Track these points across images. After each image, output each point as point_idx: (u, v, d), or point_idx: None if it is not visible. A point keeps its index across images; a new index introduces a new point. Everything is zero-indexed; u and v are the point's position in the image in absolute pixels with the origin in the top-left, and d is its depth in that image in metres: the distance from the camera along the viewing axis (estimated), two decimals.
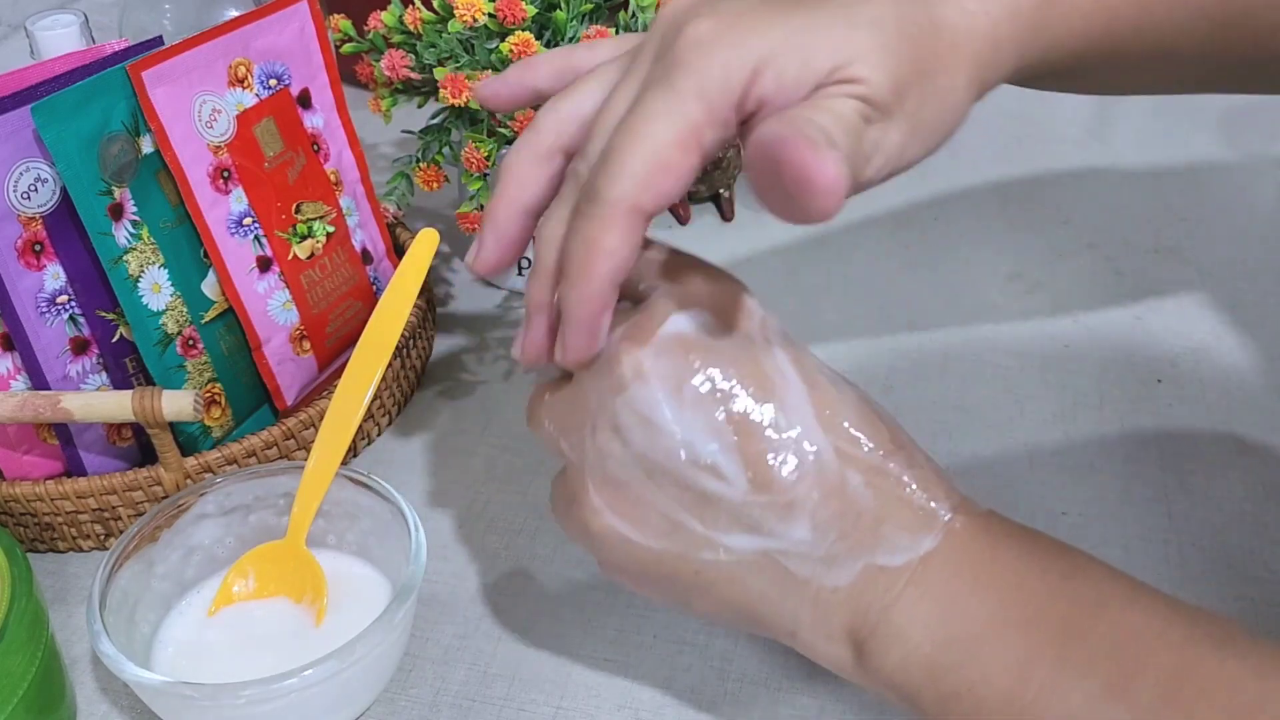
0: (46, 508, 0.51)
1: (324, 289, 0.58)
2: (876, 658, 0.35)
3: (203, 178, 0.53)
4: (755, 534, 0.36)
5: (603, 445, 0.36)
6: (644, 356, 0.36)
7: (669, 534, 0.36)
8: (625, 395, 0.36)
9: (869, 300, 0.68)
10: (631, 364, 0.36)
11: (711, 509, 0.36)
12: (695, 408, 0.35)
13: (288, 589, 0.47)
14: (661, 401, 0.35)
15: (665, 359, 0.36)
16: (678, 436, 0.35)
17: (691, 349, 0.36)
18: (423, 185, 0.62)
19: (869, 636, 0.36)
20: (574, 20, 0.61)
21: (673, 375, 0.36)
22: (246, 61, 0.55)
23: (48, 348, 0.50)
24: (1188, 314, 0.66)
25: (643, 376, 0.35)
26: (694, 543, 0.36)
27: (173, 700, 0.41)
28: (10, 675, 0.40)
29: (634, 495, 0.36)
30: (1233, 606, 0.49)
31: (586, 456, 0.37)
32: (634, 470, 0.36)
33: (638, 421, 0.36)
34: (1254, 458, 0.56)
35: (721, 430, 0.35)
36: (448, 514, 0.54)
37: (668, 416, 0.35)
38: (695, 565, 0.36)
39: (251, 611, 0.47)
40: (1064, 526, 0.53)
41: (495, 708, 0.46)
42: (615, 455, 0.36)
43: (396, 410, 0.61)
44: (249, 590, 0.47)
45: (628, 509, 0.36)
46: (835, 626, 0.36)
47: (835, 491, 0.36)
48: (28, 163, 0.48)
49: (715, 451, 0.35)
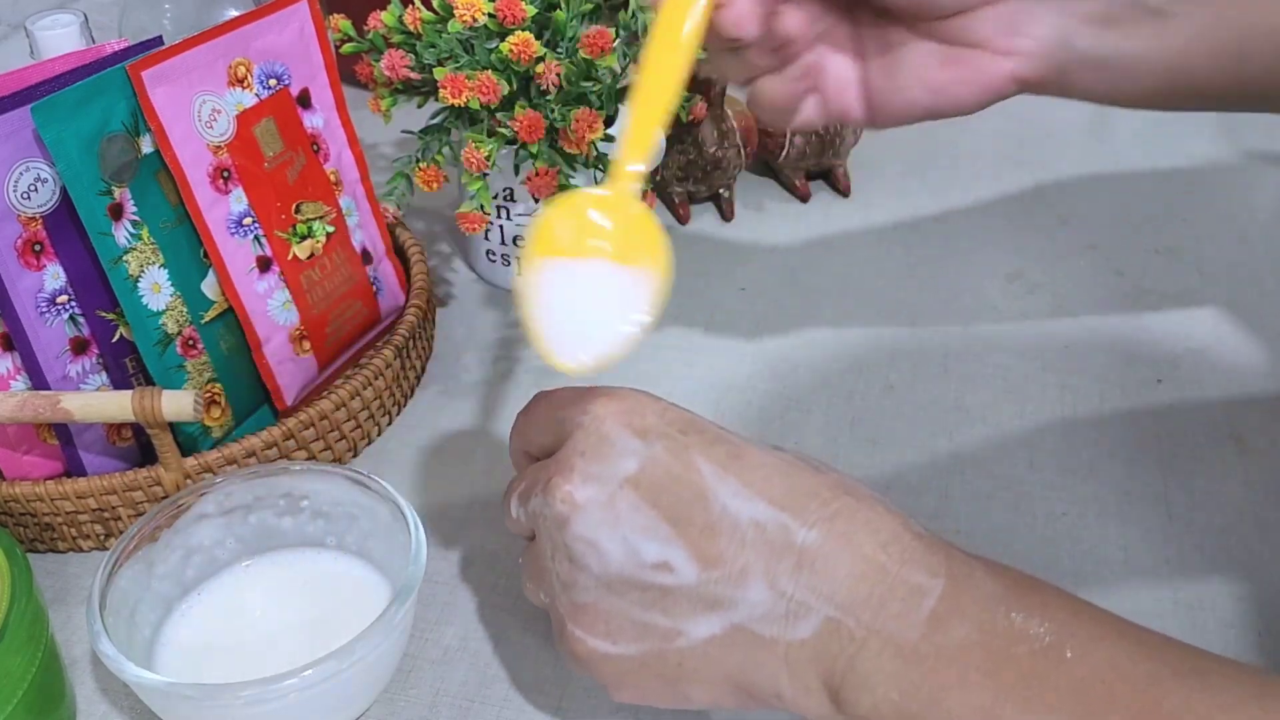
0: (46, 508, 0.51)
1: (324, 289, 0.58)
2: (850, 706, 0.36)
3: (202, 178, 0.53)
4: (718, 609, 0.37)
5: (565, 578, 0.39)
6: (572, 490, 0.39)
7: (641, 637, 0.38)
8: (568, 529, 0.39)
9: (869, 300, 0.68)
10: (564, 499, 0.39)
11: (673, 600, 0.38)
12: (629, 518, 0.38)
13: (616, 249, 0.40)
14: (599, 523, 0.38)
15: (590, 485, 0.39)
16: (621, 548, 0.38)
17: (610, 468, 0.39)
18: (422, 185, 0.62)
19: (840, 686, 0.36)
20: (574, 20, 0.61)
21: (601, 496, 0.38)
22: (246, 61, 0.55)
23: (48, 348, 0.50)
24: (1188, 314, 0.66)
25: (576, 506, 0.38)
26: (666, 636, 0.38)
27: (173, 700, 0.41)
28: (10, 675, 0.40)
29: (602, 612, 0.39)
30: (1233, 606, 0.49)
31: (556, 595, 0.40)
32: (595, 590, 0.38)
33: (585, 547, 0.38)
34: (1254, 458, 0.56)
35: (658, 528, 0.38)
36: (448, 514, 0.54)
37: (607, 534, 0.38)
38: (675, 658, 0.38)
39: (573, 271, 0.40)
40: (1064, 526, 0.53)
41: (495, 708, 0.46)
42: (577, 583, 0.39)
43: (396, 410, 0.61)
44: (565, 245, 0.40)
45: (600, 626, 0.39)
46: (811, 679, 0.37)
47: (782, 549, 0.37)
48: (28, 163, 0.48)
49: (658, 550, 0.38)
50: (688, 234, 0.75)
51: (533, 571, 0.42)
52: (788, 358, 0.64)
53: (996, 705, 0.34)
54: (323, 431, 0.56)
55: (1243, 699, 0.32)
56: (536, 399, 0.44)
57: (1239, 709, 0.32)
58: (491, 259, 0.69)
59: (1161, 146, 0.84)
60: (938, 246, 0.73)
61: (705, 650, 0.38)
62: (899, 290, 0.69)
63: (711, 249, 0.73)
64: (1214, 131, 0.86)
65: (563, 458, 0.40)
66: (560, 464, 0.39)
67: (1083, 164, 0.82)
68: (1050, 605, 0.35)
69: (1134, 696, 0.33)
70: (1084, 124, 0.88)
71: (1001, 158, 0.83)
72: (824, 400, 0.61)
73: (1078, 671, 0.34)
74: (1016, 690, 0.34)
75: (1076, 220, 0.76)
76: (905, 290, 0.69)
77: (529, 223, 0.66)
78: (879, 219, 0.76)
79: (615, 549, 0.38)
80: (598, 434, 0.39)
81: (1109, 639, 0.34)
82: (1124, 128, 0.87)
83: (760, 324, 0.66)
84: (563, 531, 0.39)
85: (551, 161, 0.60)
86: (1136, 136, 0.86)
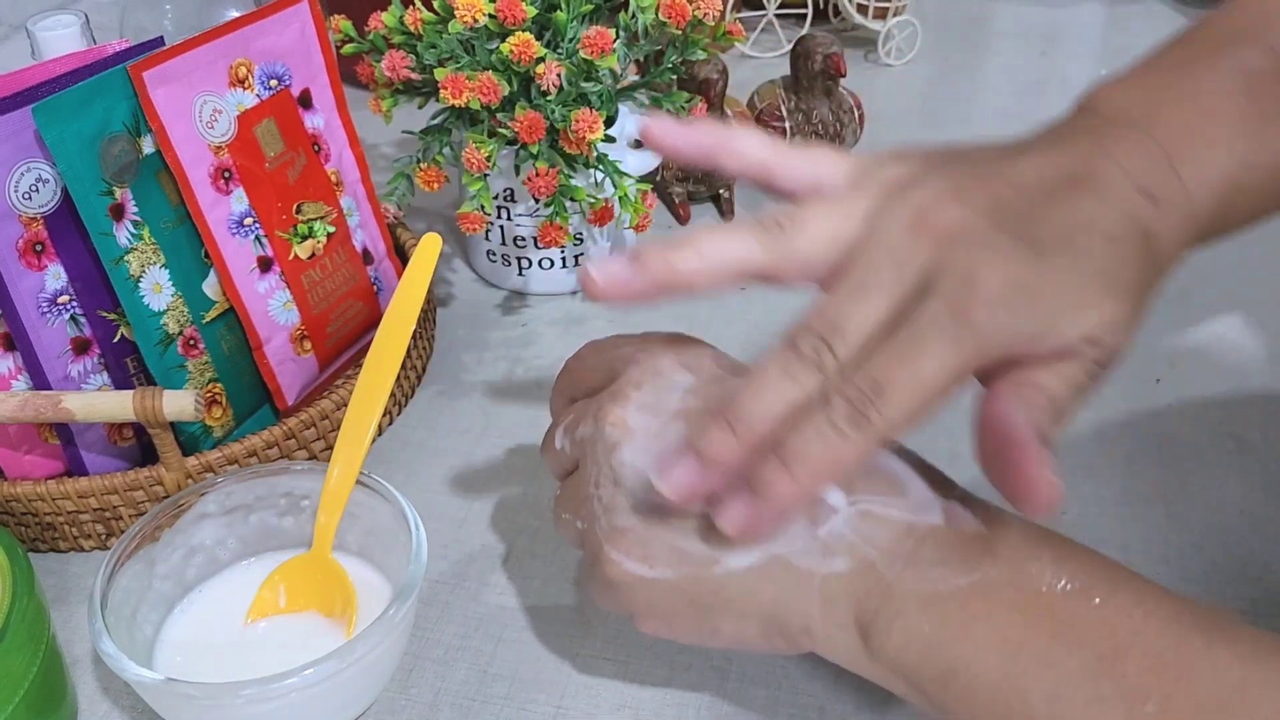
0: (48, 507, 0.51)
1: (325, 289, 0.58)
2: (880, 639, 0.37)
3: (203, 178, 0.53)
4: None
5: (606, 500, 0.39)
6: (625, 414, 0.40)
7: (678, 562, 0.38)
8: (616, 453, 0.39)
9: None
10: (615, 423, 0.40)
11: (712, 528, 0.37)
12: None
13: (318, 603, 0.47)
14: (647, 450, 0.39)
15: (644, 414, 0.40)
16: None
17: (663, 399, 0.40)
18: (423, 185, 0.62)
19: (873, 619, 0.37)
20: (574, 21, 0.61)
21: (653, 426, 0.39)
22: (247, 62, 0.55)
23: (49, 348, 0.50)
24: (1188, 314, 0.66)
25: (628, 431, 0.40)
26: (703, 562, 0.38)
27: (173, 700, 0.41)
28: (11, 675, 0.40)
29: (641, 537, 0.39)
30: (1233, 606, 0.49)
31: (596, 520, 0.40)
32: (637, 514, 0.39)
33: (631, 472, 0.39)
34: (1254, 458, 0.56)
35: None
36: (448, 514, 0.55)
37: (655, 459, 0.38)
38: (711, 585, 0.38)
39: (285, 625, 0.46)
40: (1064, 526, 0.52)
41: (495, 708, 0.46)
42: (619, 506, 0.39)
43: (397, 410, 0.61)
44: (281, 605, 0.47)
45: (638, 551, 0.39)
46: (843, 613, 0.37)
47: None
48: (29, 163, 0.48)
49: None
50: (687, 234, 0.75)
51: (570, 501, 0.42)
52: None
53: (1025, 638, 0.35)
54: (323, 431, 0.56)
55: (1262, 652, 0.34)
56: (588, 345, 0.45)
57: (1257, 660, 0.33)
58: (491, 259, 0.69)
59: None
60: None
61: (741, 580, 0.38)
62: None
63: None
64: None
65: (617, 389, 0.41)
66: (614, 394, 0.41)
67: None
68: (1080, 557, 0.37)
69: (1155, 638, 0.34)
70: None
71: None
72: None
73: (1105, 613, 0.35)
74: (1045, 624, 0.35)
75: None
76: None
77: (529, 223, 0.66)
78: None
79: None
80: (653, 369, 0.41)
81: (1136, 590, 0.36)
82: None
83: (760, 324, 0.67)
84: (611, 455, 0.39)
85: (552, 162, 0.60)
86: None
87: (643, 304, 0.39)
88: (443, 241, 0.52)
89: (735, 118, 0.74)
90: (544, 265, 0.68)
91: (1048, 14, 1.09)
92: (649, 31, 0.62)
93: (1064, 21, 1.08)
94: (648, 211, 0.63)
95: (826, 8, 1.04)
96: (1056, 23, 1.07)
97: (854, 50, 1.00)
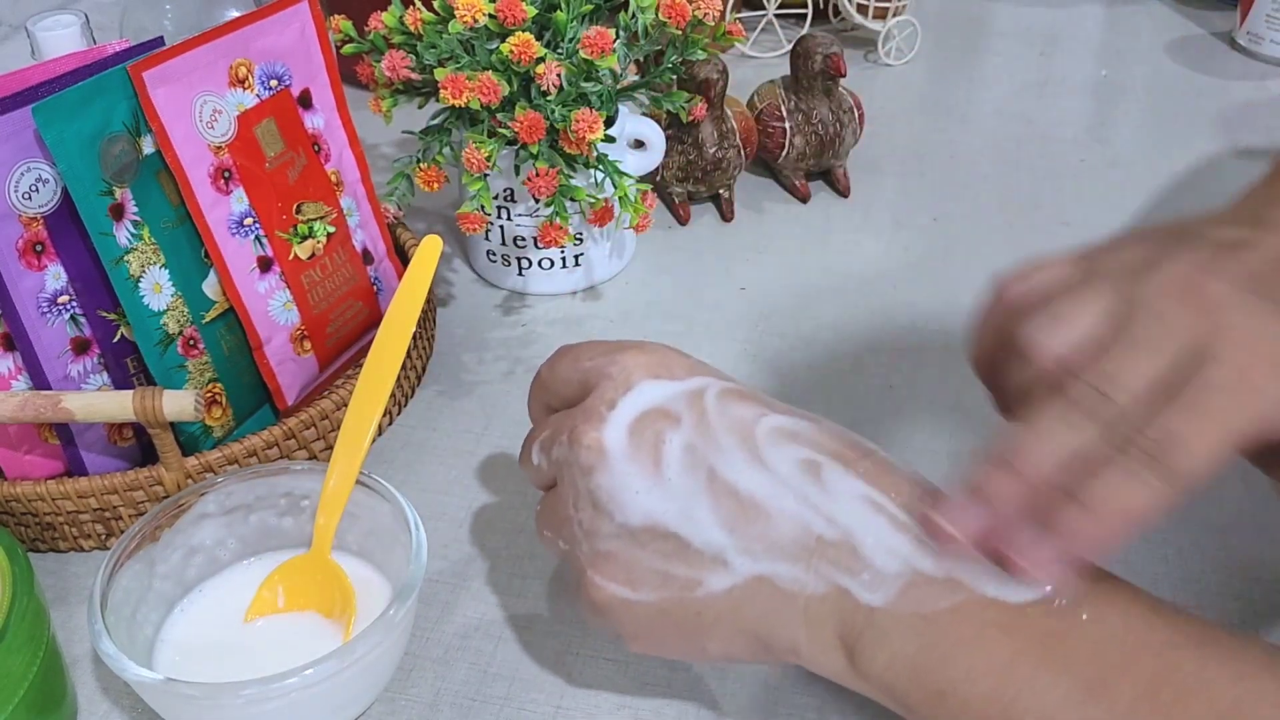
0: (47, 507, 0.51)
1: (325, 289, 0.58)
2: (865, 661, 0.37)
3: (203, 178, 0.53)
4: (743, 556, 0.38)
5: (588, 525, 0.39)
6: (600, 436, 0.39)
7: (662, 585, 0.38)
8: (593, 476, 0.39)
9: (869, 300, 0.68)
10: (590, 446, 0.39)
11: (695, 550, 0.38)
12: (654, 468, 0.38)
13: (318, 603, 0.47)
14: (625, 472, 0.39)
15: (617, 433, 0.39)
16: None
17: (638, 417, 0.39)
18: (423, 185, 0.62)
19: (857, 641, 0.37)
20: (574, 21, 0.61)
21: (628, 444, 0.39)
22: (247, 62, 0.55)
23: (49, 348, 0.50)
24: None
25: (603, 454, 0.39)
26: (687, 585, 0.38)
27: (173, 700, 0.41)
28: (11, 675, 0.40)
29: (624, 560, 0.39)
30: (1233, 606, 0.49)
31: (578, 543, 0.40)
32: (618, 539, 0.39)
33: (608, 495, 0.39)
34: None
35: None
36: (448, 514, 0.55)
37: (633, 484, 0.38)
38: (695, 607, 0.38)
39: (285, 626, 0.46)
40: None
41: (495, 708, 0.46)
42: (600, 531, 0.39)
43: (397, 410, 0.61)
44: (280, 605, 0.47)
45: (622, 574, 0.39)
46: (828, 635, 0.37)
47: (806, 500, 0.37)
48: (29, 163, 0.48)
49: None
50: (688, 234, 0.75)
51: (551, 520, 0.42)
52: (788, 358, 0.64)
53: (1013, 662, 0.35)
54: (323, 431, 0.56)
55: (1255, 669, 0.33)
56: (560, 352, 0.44)
57: (1251, 679, 0.33)
58: (491, 259, 0.69)
59: (1161, 146, 0.84)
60: (938, 246, 0.73)
61: (725, 601, 0.38)
62: (899, 290, 0.69)
63: (711, 249, 0.73)
64: (1214, 131, 0.86)
65: (590, 406, 0.40)
66: (587, 412, 0.40)
67: (1083, 164, 0.82)
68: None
69: (1149, 660, 0.34)
70: (1084, 124, 0.88)
71: (1001, 158, 0.83)
72: (824, 400, 0.61)
73: (1094, 633, 0.35)
74: (1033, 648, 0.35)
75: (1076, 220, 0.76)
76: (905, 290, 0.69)
77: (529, 224, 0.66)
78: (879, 219, 0.77)
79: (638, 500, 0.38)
80: (625, 385, 0.40)
81: (1125, 604, 0.36)
82: (1124, 128, 0.87)
83: (760, 324, 0.67)
84: (588, 479, 0.39)
85: (552, 162, 0.60)
86: (1136, 136, 0.87)
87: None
88: (443, 242, 0.52)
89: (735, 118, 0.74)
90: (544, 265, 0.68)
91: (1048, 14, 1.09)
92: (649, 31, 0.62)
93: (1064, 21, 1.08)
94: (648, 211, 0.63)
95: (826, 8, 1.04)
96: (1056, 23, 1.07)
97: (854, 50, 1.00)
